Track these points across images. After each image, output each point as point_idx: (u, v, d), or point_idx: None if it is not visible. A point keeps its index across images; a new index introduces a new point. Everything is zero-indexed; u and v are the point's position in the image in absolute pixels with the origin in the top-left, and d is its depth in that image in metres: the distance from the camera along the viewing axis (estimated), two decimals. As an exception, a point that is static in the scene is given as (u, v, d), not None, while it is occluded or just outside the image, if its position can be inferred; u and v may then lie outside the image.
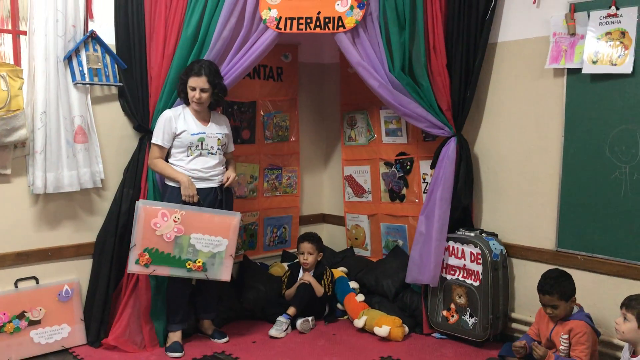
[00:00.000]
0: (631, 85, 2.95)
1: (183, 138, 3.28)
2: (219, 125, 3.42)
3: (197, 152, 3.31)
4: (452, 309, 3.51)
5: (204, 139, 3.31)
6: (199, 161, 3.31)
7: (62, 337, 3.34)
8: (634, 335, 2.50)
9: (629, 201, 2.99)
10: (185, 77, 3.26)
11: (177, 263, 3.21)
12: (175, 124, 3.27)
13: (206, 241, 3.26)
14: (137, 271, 3.22)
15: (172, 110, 3.32)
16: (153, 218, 3.16)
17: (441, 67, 3.44)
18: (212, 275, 3.28)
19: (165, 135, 3.26)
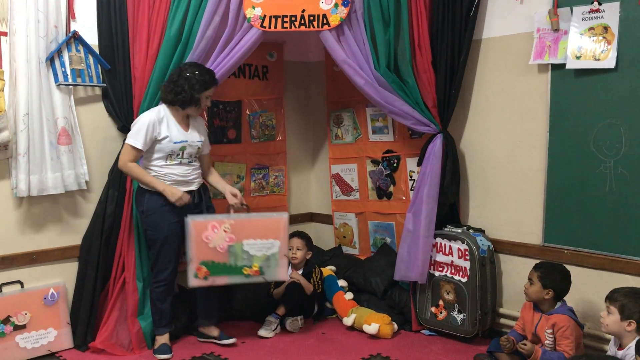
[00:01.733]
0: (614, 80, 2.97)
1: (164, 145, 3.18)
2: (198, 130, 3.34)
3: (177, 160, 3.23)
4: (441, 306, 3.51)
5: (186, 148, 3.23)
6: (178, 168, 3.25)
7: (49, 342, 3.31)
8: (617, 327, 2.52)
9: (614, 195, 3.02)
10: (204, 89, 3.18)
11: (234, 271, 3.27)
12: (159, 128, 3.16)
13: (259, 245, 3.29)
14: (197, 285, 3.27)
15: (154, 113, 3.18)
16: (204, 232, 3.22)
17: (426, 64, 3.44)
18: (270, 277, 3.33)
19: (146, 139, 3.13)
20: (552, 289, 2.86)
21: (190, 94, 3.14)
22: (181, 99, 3.16)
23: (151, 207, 3.21)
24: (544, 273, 2.88)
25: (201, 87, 3.15)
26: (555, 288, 2.86)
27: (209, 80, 3.19)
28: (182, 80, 3.14)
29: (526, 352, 2.80)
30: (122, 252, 3.41)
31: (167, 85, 3.20)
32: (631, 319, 2.48)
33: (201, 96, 3.19)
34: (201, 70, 3.19)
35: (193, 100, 3.16)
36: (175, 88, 3.15)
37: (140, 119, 3.18)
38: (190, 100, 3.16)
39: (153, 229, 3.24)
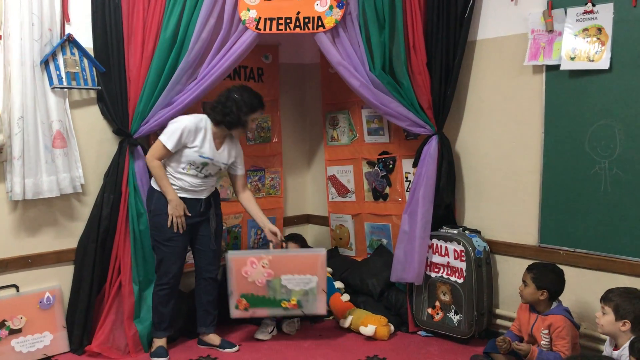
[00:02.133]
0: (608, 80, 2.98)
1: (190, 153, 3.21)
2: (230, 152, 3.36)
3: (194, 171, 3.25)
4: (437, 307, 3.52)
5: (207, 165, 3.26)
6: (191, 179, 3.26)
7: (45, 345, 3.30)
8: (612, 328, 2.53)
9: (609, 196, 3.03)
10: (252, 112, 3.23)
11: (273, 304, 3.36)
12: (193, 137, 3.19)
13: (297, 280, 3.37)
14: (238, 315, 3.40)
15: (195, 121, 3.21)
16: (243, 267, 3.35)
17: (421, 66, 3.45)
18: (308, 310, 3.40)
19: (179, 142, 3.16)
20: (546, 290, 2.86)
21: (237, 115, 3.19)
22: (229, 120, 3.21)
23: (159, 208, 3.23)
24: (538, 274, 2.89)
25: (249, 109, 3.21)
26: (550, 288, 2.87)
27: (256, 104, 3.24)
28: (230, 102, 3.19)
29: (522, 352, 2.80)
30: (118, 255, 3.41)
31: (215, 105, 3.23)
32: (625, 319, 2.48)
33: (248, 118, 3.23)
34: (249, 93, 3.23)
35: (240, 122, 3.22)
36: (224, 109, 3.19)
37: (180, 120, 3.21)
38: (237, 121, 3.21)
39: (158, 230, 3.25)
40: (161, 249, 3.27)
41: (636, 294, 2.55)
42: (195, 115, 3.26)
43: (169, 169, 3.25)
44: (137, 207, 3.42)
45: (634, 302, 2.50)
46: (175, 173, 3.24)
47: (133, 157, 3.45)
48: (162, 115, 3.46)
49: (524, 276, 2.94)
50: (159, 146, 3.19)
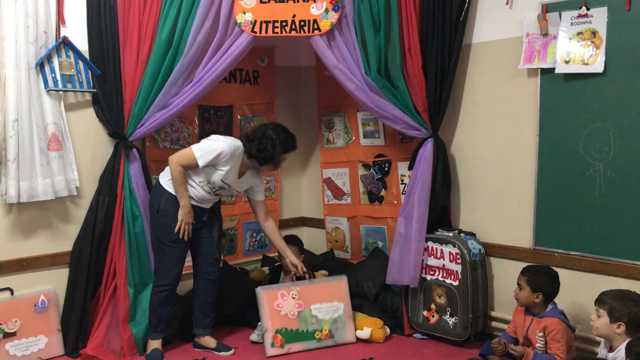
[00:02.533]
0: (603, 84, 3.00)
1: (213, 174, 3.21)
2: (247, 182, 3.40)
3: (209, 188, 3.26)
4: (433, 309, 3.52)
5: (224, 189, 3.29)
6: (204, 194, 3.27)
7: (39, 349, 3.28)
8: (607, 330, 2.53)
9: (603, 198, 3.04)
10: (285, 152, 3.29)
11: (307, 337, 3.43)
12: (225, 163, 3.18)
13: (325, 309, 3.49)
14: (274, 353, 3.36)
15: (233, 149, 3.19)
16: (275, 300, 3.45)
17: (417, 69, 3.46)
18: (340, 339, 3.47)
19: (210, 161, 3.14)
20: (541, 292, 2.87)
21: (272, 154, 3.23)
22: (262, 157, 3.25)
23: (166, 209, 3.22)
24: (532, 277, 2.90)
25: (283, 149, 3.27)
26: (545, 291, 2.88)
27: (291, 145, 3.32)
28: (266, 140, 3.23)
29: (517, 354, 2.81)
30: (113, 258, 3.39)
31: (251, 139, 3.25)
32: (620, 321, 2.49)
33: (281, 158, 3.30)
34: (285, 134, 3.29)
35: (273, 160, 3.27)
36: (259, 145, 3.23)
37: (220, 141, 3.19)
38: (270, 159, 3.26)
39: (164, 230, 3.23)
40: (164, 249, 3.25)
41: (630, 296, 2.56)
42: (234, 140, 3.25)
43: (188, 179, 3.24)
44: (132, 210, 3.42)
45: (628, 304, 2.51)
46: (192, 182, 3.24)
47: (128, 160, 3.44)
48: (157, 118, 3.46)
49: (519, 279, 2.95)
50: (189, 157, 3.15)
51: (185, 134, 3.95)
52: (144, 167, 3.53)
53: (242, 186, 3.38)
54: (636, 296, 2.56)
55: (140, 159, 3.50)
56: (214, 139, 3.22)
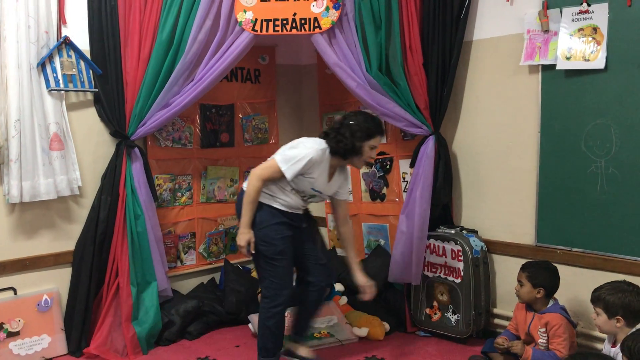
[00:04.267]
0: (604, 80, 2.99)
1: (302, 183, 2.89)
2: (338, 183, 3.07)
3: (299, 196, 2.96)
4: (435, 307, 3.52)
5: (315, 196, 3.00)
6: (295, 200, 2.96)
7: (43, 348, 3.29)
8: (608, 327, 2.52)
9: (605, 195, 3.04)
10: (367, 138, 2.88)
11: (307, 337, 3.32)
12: (314, 169, 2.86)
13: (320, 321, 3.49)
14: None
15: (319, 154, 2.85)
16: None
17: (418, 67, 3.45)
18: (341, 336, 3.46)
19: (297, 173, 2.83)
20: (542, 287, 2.87)
21: (351, 142, 2.86)
22: (343, 148, 2.88)
23: (263, 220, 2.91)
24: (532, 273, 2.90)
25: (364, 134, 2.87)
26: (546, 286, 2.88)
27: (373, 128, 2.90)
28: (344, 128, 2.89)
29: (517, 352, 2.81)
30: (115, 257, 3.40)
31: (328, 132, 2.94)
32: (617, 315, 2.47)
33: (364, 145, 2.89)
34: (365, 118, 2.92)
35: (355, 149, 2.88)
36: (337, 136, 2.88)
37: (305, 148, 2.86)
38: (352, 149, 2.88)
39: (267, 243, 2.90)
40: (273, 264, 2.91)
41: (621, 287, 2.53)
42: (318, 142, 2.90)
43: (273, 187, 2.91)
44: (134, 209, 3.42)
45: (619, 296, 2.48)
46: (280, 193, 2.92)
47: (130, 159, 3.44)
48: (159, 117, 3.47)
49: (519, 276, 2.95)
50: (273, 169, 2.85)
51: (187, 133, 3.96)
52: (145, 166, 3.54)
53: (332, 190, 3.03)
54: (627, 286, 2.54)
55: (142, 158, 3.51)
56: (299, 144, 2.88)
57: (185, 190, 3.98)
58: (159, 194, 3.80)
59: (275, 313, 2.94)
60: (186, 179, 3.99)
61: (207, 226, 4.12)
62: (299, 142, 2.91)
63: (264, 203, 2.92)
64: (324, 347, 3.38)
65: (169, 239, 3.89)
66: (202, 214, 4.09)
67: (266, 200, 2.92)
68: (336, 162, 2.95)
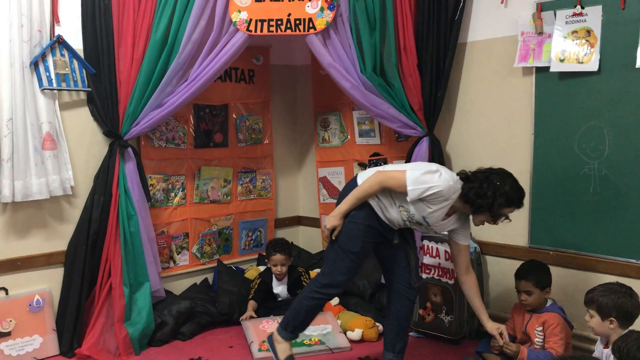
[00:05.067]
0: (597, 82, 3.01)
1: (415, 207, 2.72)
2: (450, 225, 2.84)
3: (406, 217, 2.79)
4: (428, 308, 3.52)
5: (421, 225, 2.81)
6: (399, 219, 2.81)
7: (34, 349, 3.27)
8: (602, 328, 2.52)
9: (598, 196, 3.05)
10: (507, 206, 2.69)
11: (296, 344, 3.23)
12: (435, 203, 2.68)
13: (312, 329, 3.41)
14: (262, 356, 3.28)
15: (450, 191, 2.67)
16: (259, 324, 3.53)
17: (412, 68, 3.46)
18: (332, 344, 3.37)
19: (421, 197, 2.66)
20: (548, 286, 2.92)
21: (490, 204, 2.67)
22: (479, 204, 2.69)
23: (358, 216, 2.80)
24: (537, 278, 2.89)
25: (505, 202, 2.68)
26: (550, 283, 2.92)
27: (516, 200, 2.71)
28: (489, 186, 2.68)
29: (512, 353, 2.81)
30: (108, 258, 3.38)
31: (473, 181, 2.71)
32: (610, 316, 2.47)
33: (501, 211, 2.71)
34: (513, 185, 2.71)
35: (490, 210, 2.70)
36: (479, 190, 2.67)
37: (440, 180, 2.67)
38: (487, 208, 2.69)
39: (349, 238, 2.81)
40: (340, 255, 2.83)
41: (614, 289, 2.53)
42: (455, 180, 2.72)
43: (384, 195, 2.79)
44: (127, 209, 3.41)
45: (612, 298, 2.48)
46: (387, 204, 2.80)
47: (123, 159, 3.43)
48: (152, 117, 3.46)
49: (525, 286, 2.90)
50: (399, 182, 2.69)
51: (180, 133, 3.95)
52: (139, 166, 3.52)
53: (442, 228, 2.85)
54: (620, 287, 2.53)
55: (136, 158, 3.50)
56: (434, 172, 2.70)
57: (178, 191, 3.97)
58: (152, 194, 3.79)
59: (318, 297, 2.89)
60: (179, 179, 3.97)
61: (200, 226, 4.11)
62: (437, 168, 2.73)
63: (367, 202, 2.80)
64: (312, 354, 3.34)
65: (162, 240, 3.88)
66: (196, 214, 4.07)
67: (371, 201, 2.80)
68: (461, 207, 2.77)
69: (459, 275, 2.96)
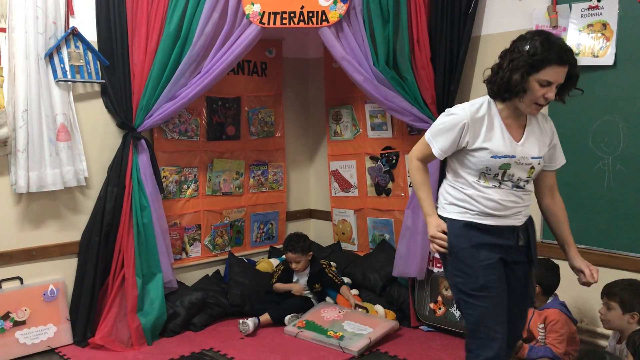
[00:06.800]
0: (613, 76, 2.98)
1: (477, 158, 2.12)
2: (540, 137, 2.20)
3: (495, 182, 2.13)
4: (440, 302, 3.52)
5: (509, 167, 2.12)
6: (494, 193, 2.14)
7: (48, 337, 3.31)
8: (620, 322, 2.53)
9: (612, 192, 3.02)
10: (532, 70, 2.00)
11: (321, 331, 3.43)
12: (472, 133, 2.10)
13: (354, 326, 3.45)
14: (288, 330, 3.50)
15: (472, 110, 2.11)
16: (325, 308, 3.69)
17: (425, 61, 3.44)
18: (345, 344, 3.30)
19: (451, 145, 2.14)
20: (538, 284, 2.87)
21: (508, 75, 2.02)
22: (498, 84, 2.06)
23: (455, 243, 2.16)
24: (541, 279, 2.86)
25: (527, 65, 1.99)
26: (543, 283, 2.87)
27: (541, 56, 1.98)
28: (504, 55, 2.11)
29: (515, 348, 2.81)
30: (121, 249, 3.40)
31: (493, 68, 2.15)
32: (633, 310, 2.48)
33: (529, 80, 2.01)
34: (535, 42, 2.01)
35: (510, 85, 2.02)
36: (493, 67, 2.13)
37: (453, 113, 2.15)
38: (507, 85, 2.03)
39: (464, 274, 2.15)
40: (472, 303, 2.14)
41: (638, 285, 2.55)
42: (474, 101, 2.19)
43: (456, 182, 2.22)
44: (140, 200, 3.43)
45: (638, 294, 2.50)
46: (465, 187, 2.17)
47: (137, 151, 3.45)
48: (165, 109, 3.47)
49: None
50: (422, 143, 2.25)
51: (193, 126, 3.96)
52: (152, 158, 3.54)
53: (533, 149, 2.15)
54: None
55: (149, 150, 3.52)
56: (450, 111, 2.18)
57: (191, 183, 3.99)
58: (165, 186, 3.81)
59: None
60: (192, 171, 3.99)
61: (212, 218, 4.12)
62: (451, 110, 2.19)
63: (453, 219, 2.18)
64: (323, 345, 3.34)
65: (174, 231, 3.90)
66: (208, 206, 4.09)
67: (455, 212, 2.18)
68: (510, 111, 2.11)
69: (542, 199, 2.34)
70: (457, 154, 2.20)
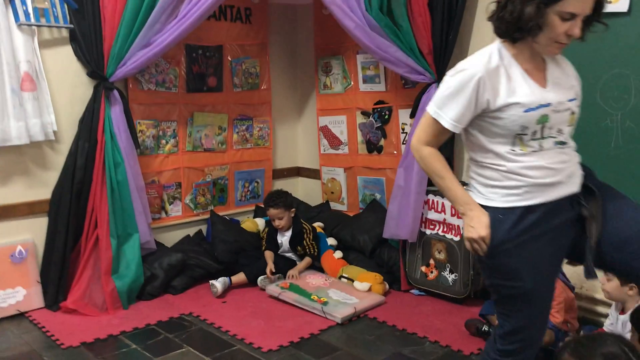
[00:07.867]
0: (626, 25, 2.75)
1: (507, 119, 1.73)
2: (565, 79, 1.87)
3: (534, 144, 1.75)
4: (432, 265, 3.38)
5: (548, 119, 1.75)
6: (538, 159, 1.75)
7: (17, 301, 3.16)
8: (619, 293, 2.47)
9: (620, 150, 2.84)
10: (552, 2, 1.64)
11: (305, 294, 3.32)
12: (490, 90, 1.73)
13: (340, 295, 3.33)
14: (270, 291, 3.42)
15: (483, 61, 1.75)
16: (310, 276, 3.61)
17: (422, 7, 3.21)
18: (328, 310, 3.15)
19: (459, 108, 1.75)
20: None
21: (519, 8, 1.67)
22: (506, 21, 1.72)
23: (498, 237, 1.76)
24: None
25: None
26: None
27: None
28: None
29: None
30: (94, 207, 3.24)
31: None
32: (631, 282, 2.40)
33: (547, 13, 1.66)
34: None
35: (522, 20, 1.67)
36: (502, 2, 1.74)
37: (461, 70, 1.77)
38: (517, 21, 1.68)
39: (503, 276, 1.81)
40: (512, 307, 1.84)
41: None
42: (480, 52, 1.83)
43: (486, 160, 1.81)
44: (114, 156, 3.26)
45: None
46: (503, 164, 1.77)
47: (109, 103, 3.26)
48: (139, 57, 3.27)
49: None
50: (425, 122, 1.85)
51: (171, 76, 3.72)
52: (126, 110, 3.36)
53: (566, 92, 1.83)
54: None
55: (123, 102, 3.33)
56: (452, 71, 1.80)
57: (170, 138, 3.77)
58: (141, 141, 3.60)
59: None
60: (171, 125, 3.77)
61: (193, 176, 3.93)
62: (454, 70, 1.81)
63: (495, 207, 1.78)
64: (306, 309, 3.21)
65: (152, 189, 3.70)
66: (189, 163, 3.89)
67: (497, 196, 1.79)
68: (525, 54, 1.78)
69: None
70: (477, 124, 1.79)
